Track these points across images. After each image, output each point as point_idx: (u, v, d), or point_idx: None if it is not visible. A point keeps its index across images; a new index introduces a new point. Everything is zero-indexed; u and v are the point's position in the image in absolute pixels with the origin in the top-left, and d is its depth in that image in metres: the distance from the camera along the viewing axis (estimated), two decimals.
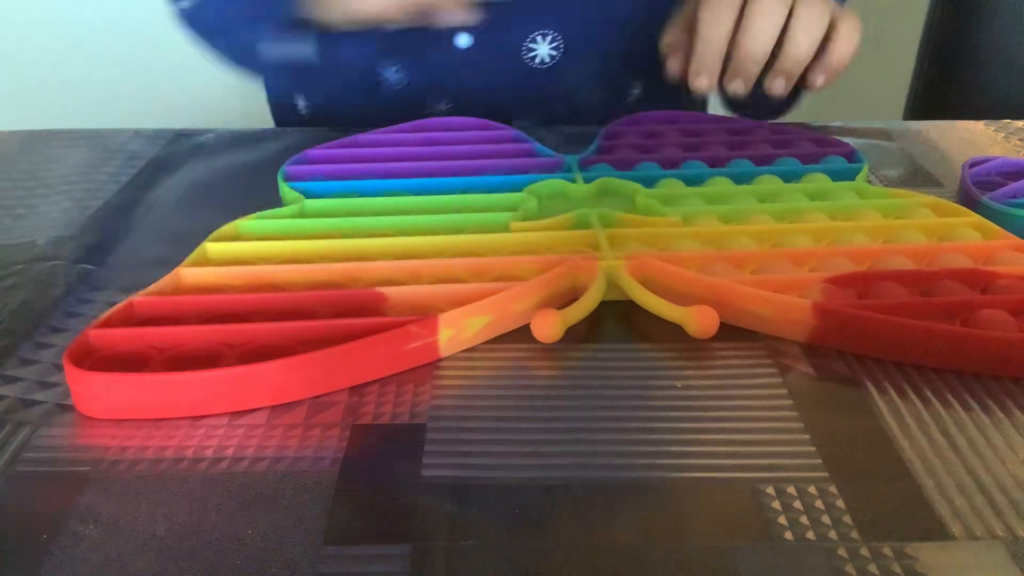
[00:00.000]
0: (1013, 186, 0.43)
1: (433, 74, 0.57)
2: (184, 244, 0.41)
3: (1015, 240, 0.37)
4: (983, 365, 0.31)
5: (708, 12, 0.49)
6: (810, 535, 0.24)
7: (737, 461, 0.27)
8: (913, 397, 0.30)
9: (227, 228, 0.40)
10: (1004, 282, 0.34)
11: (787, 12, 0.48)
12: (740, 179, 0.45)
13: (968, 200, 0.42)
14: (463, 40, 0.57)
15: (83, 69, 1.30)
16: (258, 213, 0.42)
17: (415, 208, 0.43)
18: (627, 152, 0.48)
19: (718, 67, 0.49)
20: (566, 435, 0.28)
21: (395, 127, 0.53)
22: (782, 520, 0.24)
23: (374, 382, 0.31)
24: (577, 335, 0.33)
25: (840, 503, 0.25)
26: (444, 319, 0.32)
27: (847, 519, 0.24)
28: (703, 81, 0.49)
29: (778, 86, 0.49)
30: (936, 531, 0.24)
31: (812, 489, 0.25)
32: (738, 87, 0.50)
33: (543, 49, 0.58)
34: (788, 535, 0.24)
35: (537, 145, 0.49)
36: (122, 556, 0.23)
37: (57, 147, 0.56)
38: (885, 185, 0.44)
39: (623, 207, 0.42)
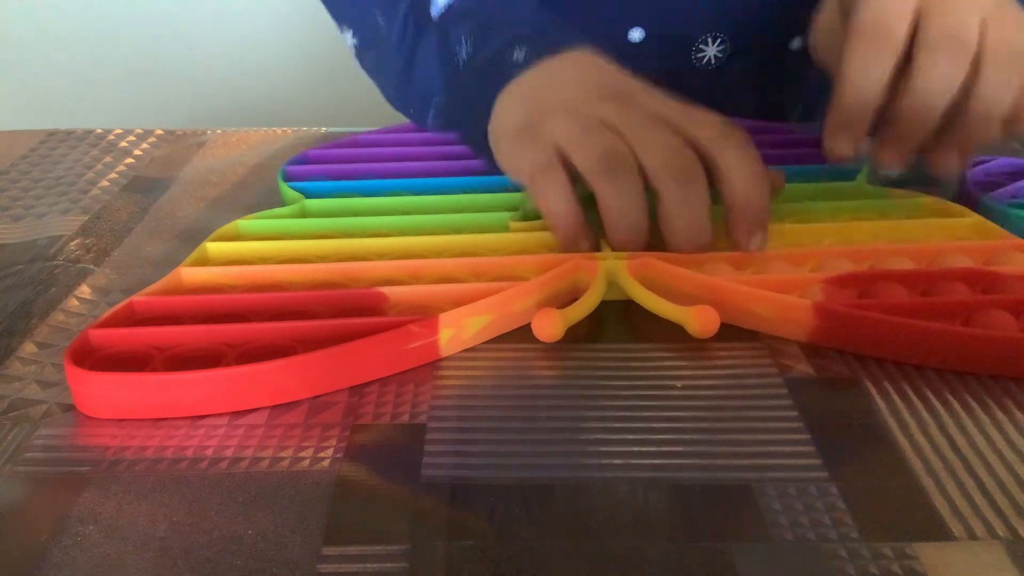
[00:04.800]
0: (1013, 186, 0.43)
1: None
2: (184, 244, 0.42)
3: (1015, 240, 0.37)
4: (983, 365, 0.31)
5: (859, 46, 0.36)
6: (810, 535, 0.24)
7: (737, 461, 0.27)
8: (913, 397, 0.30)
9: (227, 228, 0.40)
10: (1004, 282, 0.34)
11: (970, 60, 0.35)
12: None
13: (968, 200, 0.42)
14: (636, 35, 0.54)
15: (83, 69, 1.30)
16: (258, 213, 0.42)
17: (415, 208, 0.43)
18: None
19: (864, 129, 0.37)
20: (566, 435, 0.28)
21: (395, 127, 0.53)
22: (782, 520, 0.24)
23: (374, 382, 0.31)
24: (577, 335, 0.33)
25: (840, 503, 0.25)
26: (444, 319, 0.32)
27: (847, 519, 0.24)
28: (842, 146, 0.37)
29: (953, 160, 0.37)
30: (936, 531, 0.24)
31: (812, 489, 0.25)
32: (893, 162, 0.37)
33: (711, 50, 0.55)
34: (788, 535, 0.24)
35: None
36: (122, 556, 0.23)
37: (57, 147, 0.56)
38: (885, 185, 0.44)
39: None
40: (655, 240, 0.36)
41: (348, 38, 0.53)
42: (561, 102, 0.38)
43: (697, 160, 0.35)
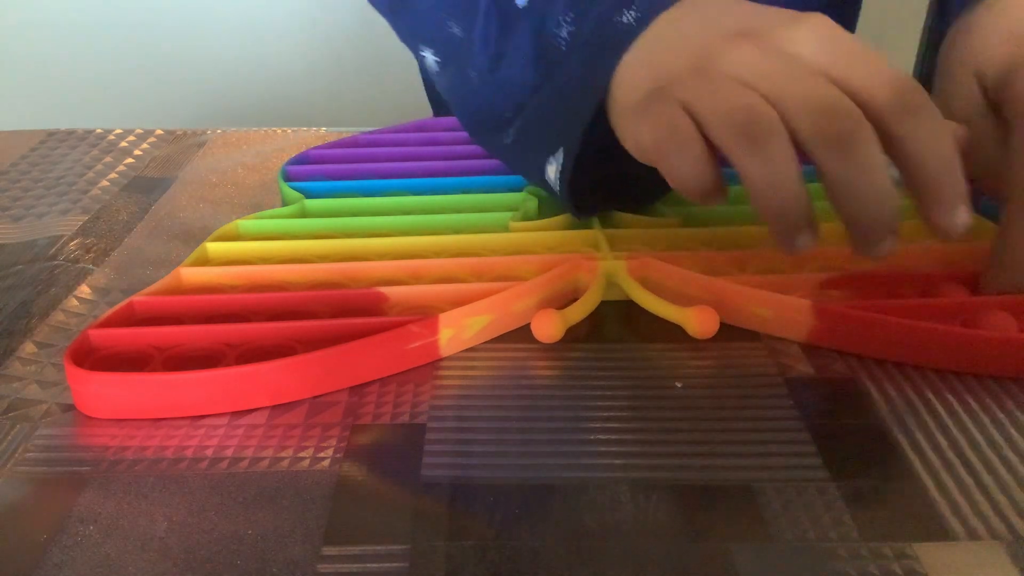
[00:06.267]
0: None
1: None
2: (184, 244, 0.42)
3: None
4: (983, 365, 0.31)
5: None
6: (810, 535, 0.24)
7: (737, 461, 0.27)
8: (913, 397, 0.30)
9: (227, 228, 0.40)
10: None
11: None
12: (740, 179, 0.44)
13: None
14: None
15: (83, 69, 1.30)
16: (258, 213, 0.42)
17: (415, 208, 0.43)
18: None
19: None
20: (566, 435, 0.28)
21: (395, 127, 0.53)
22: (782, 520, 0.24)
23: (374, 382, 0.31)
24: (577, 335, 0.33)
25: (840, 503, 0.25)
26: (444, 319, 0.32)
27: (847, 519, 0.24)
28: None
29: None
30: (936, 531, 0.24)
31: (812, 489, 0.25)
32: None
33: None
34: (788, 535, 0.24)
35: None
36: (122, 556, 0.23)
37: (57, 147, 0.56)
38: None
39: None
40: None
41: (429, 57, 0.46)
42: (686, 56, 0.32)
43: (861, 115, 0.28)
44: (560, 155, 0.37)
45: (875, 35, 0.71)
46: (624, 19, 0.34)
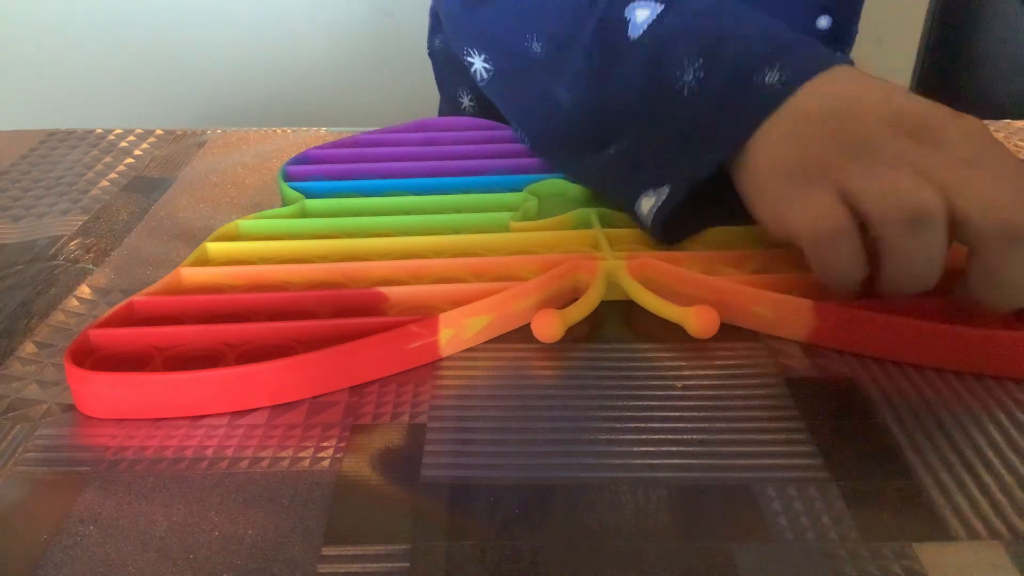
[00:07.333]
0: None
1: None
2: (184, 244, 0.42)
3: None
4: (983, 365, 0.31)
5: None
6: (810, 535, 0.24)
7: (737, 461, 0.27)
8: (913, 397, 0.30)
9: (227, 228, 0.40)
10: None
11: None
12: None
13: None
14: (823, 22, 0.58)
15: (83, 69, 1.30)
16: (258, 213, 0.42)
17: (415, 208, 0.43)
18: None
19: None
20: (566, 435, 0.28)
21: (395, 127, 0.53)
22: (782, 520, 0.24)
23: (374, 382, 0.31)
24: (577, 335, 0.33)
25: (840, 503, 0.25)
26: (444, 319, 0.32)
27: (847, 519, 0.24)
28: None
29: None
30: (936, 531, 0.24)
31: (812, 489, 0.25)
32: None
33: (823, 22, 0.58)
34: (788, 535, 0.24)
35: None
36: (122, 556, 0.23)
37: (57, 147, 0.56)
38: None
39: None
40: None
41: (477, 62, 0.46)
42: (840, 138, 0.32)
43: None
44: (665, 191, 0.36)
45: (875, 35, 0.71)
46: (767, 80, 0.34)
